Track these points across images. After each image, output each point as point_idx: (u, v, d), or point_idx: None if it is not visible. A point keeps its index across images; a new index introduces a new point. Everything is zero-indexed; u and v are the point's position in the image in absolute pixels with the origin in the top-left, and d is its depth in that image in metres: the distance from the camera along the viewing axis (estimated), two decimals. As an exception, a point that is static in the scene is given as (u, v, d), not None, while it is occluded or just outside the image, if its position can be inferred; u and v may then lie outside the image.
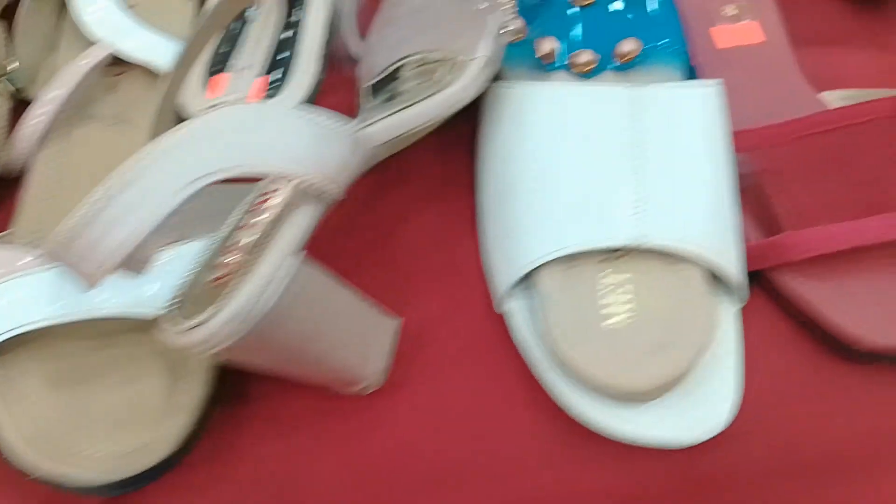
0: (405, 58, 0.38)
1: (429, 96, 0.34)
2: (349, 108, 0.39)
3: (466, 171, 0.40)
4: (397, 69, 0.38)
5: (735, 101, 0.40)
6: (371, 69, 0.40)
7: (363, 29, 0.43)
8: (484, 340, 0.35)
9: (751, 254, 0.36)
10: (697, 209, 0.33)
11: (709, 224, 0.33)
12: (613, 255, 0.34)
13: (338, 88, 0.42)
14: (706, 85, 0.36)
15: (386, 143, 0.33)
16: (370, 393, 0.33)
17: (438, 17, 0.38)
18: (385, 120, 0.32)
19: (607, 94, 0.35)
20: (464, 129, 0.40)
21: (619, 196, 0.33)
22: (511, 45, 0.39)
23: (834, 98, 0.41)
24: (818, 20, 0.47)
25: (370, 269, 0.37)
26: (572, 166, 0.34)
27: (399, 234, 0.39)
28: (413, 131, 0.33)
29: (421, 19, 0.39)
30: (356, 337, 0.31)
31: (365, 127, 0.31)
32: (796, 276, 0.35)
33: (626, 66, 0.39)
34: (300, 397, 0.33)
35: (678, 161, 0.34)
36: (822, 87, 0.42)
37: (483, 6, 0.36)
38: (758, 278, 0.36)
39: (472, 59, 0.35)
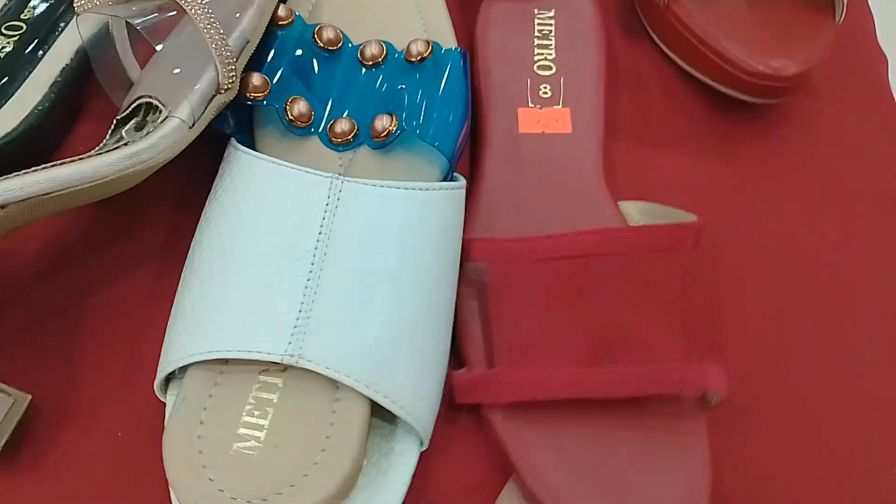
0: (140, 98, 0.34)
1: (107, 151, 0.30)
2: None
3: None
4: (137, 108, 0.35)
5: (518, 198, 0.35)
6: (125, 102, 0.36)
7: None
8: (148, 427, 0.31)
9: (458, 384, 0.31)
10: (370, 333, 0.29)
11: (383, 351, 0.29)
12: (275, 367, 0.29)
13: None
14: (428, 188, 0.31)
15: (40, 199, 0.29)
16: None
17: (175, 61, 0.34)
18: (25, 177, 0.28)
19: (306, 181, 0.30)
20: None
21: (284, 304, 0.28)
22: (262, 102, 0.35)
23: (632, 210, 0.35)
24: (662, 117, 0.41)
25: (49, 331, 0.34)
26: (250, 259, 0.30)
27: (104, 292, 0.35)
28: (85, 187, 0.30)
29: (168, 57, 0.35)
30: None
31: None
32: (506, 418, 0.30)
33: (381, 146, 0.34)
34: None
35: (363, 273, 0.29)
36: (645, 193, 0.37)
37: (200, 60, 0.32)
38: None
39: (171, 117, 0.31)
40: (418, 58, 0.35)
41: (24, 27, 0.38)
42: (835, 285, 0.36)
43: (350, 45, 0.37)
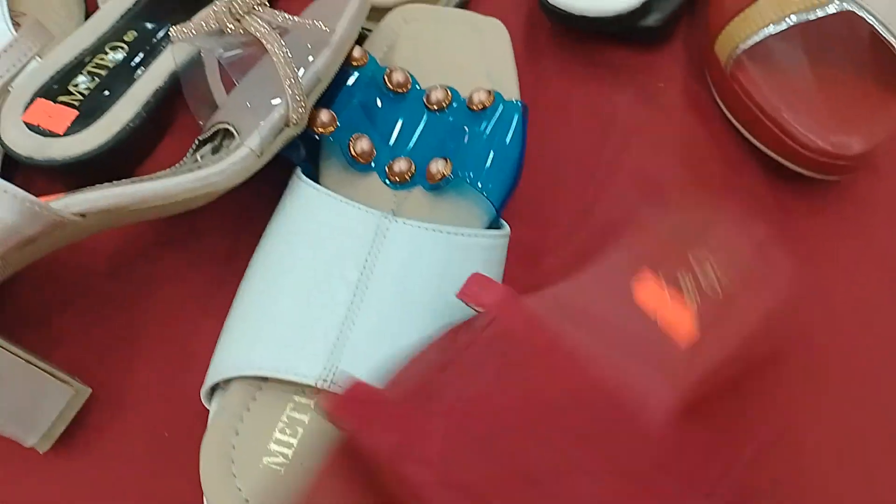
0: (219, 123, 0.37)
1: (180, 173, 0.33)
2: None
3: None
4: (216, 132, 0.37)
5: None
6: (208, 124, 0.39)
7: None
8: (191, 429, 0.34)
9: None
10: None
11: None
12: (309, 389, 0.31)
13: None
14: (472, 234, 0.33)
15: (116, 211, 0.32)
16: (49, 452, 0.33)
17: (253, 93, 0.36)
18: (105, 190, 0.31)
19: (357, 216, 0.32)
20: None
21: (323, 330, 0.30)
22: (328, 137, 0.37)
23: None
24: (720, 186, 0.41)
25: (113, 324, 0.37)
26: (297, 284, 0.32)
27: (166, 293, 0.38)
28: (158, 204, 0.32)
29: (248, 88, 0.37)
30: (10, 399, 0.30)
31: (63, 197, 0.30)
32: None
33: (434, 188, 0.36)
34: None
35: (400, 308, 0.31)
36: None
37: (274, 94, 0.34)
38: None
39: (242, 146, 0.33)
40: (480, 107, 0.37)
41: (127, 47, 0.41)
42: (882, 369, 0.35)
43: (418, 87, 0.39)
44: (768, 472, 0.33)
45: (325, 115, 0.36)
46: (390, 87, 0.38)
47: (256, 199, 0.39)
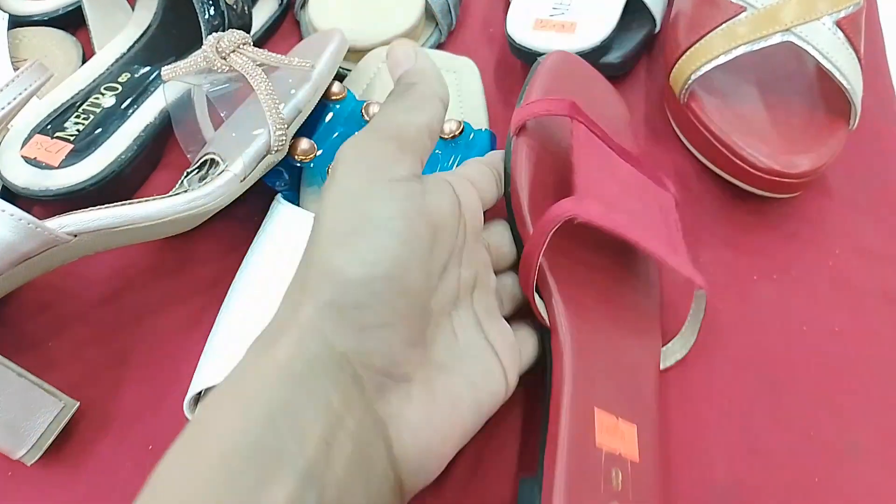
0: (207, 154, 0.39)
1: (170, 196, 0.35)
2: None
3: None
4: (205, 162, 0.40)
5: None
6: (197, 157, 0.41)
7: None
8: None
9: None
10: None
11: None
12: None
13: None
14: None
15: (107, 232, 0.34)
16: (35, 465, 0.34)
17: (238, 125, 0.39)
18: (97, 212, 0.33)
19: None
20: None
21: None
22: (308, 164, 0.39)
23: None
24: (680, 207, 0.43)
25: (104, 348, 0.38)
26: (277, 297, 0.33)
27: (155, 318, 0.39)
28: (146, 225, 0.34)
29: (234, 122, 0.40)
30: (1, 411, 0.32)
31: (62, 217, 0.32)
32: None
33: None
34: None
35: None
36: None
37: (258, 125, 0.36)
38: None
39: (226, 171, 0.36)
40: (451, 135, 0.40)
41: (121, 88, 0.44)
42: (832, 374, 0.37)
43: (393, 120, 0.41)
44: (731, 474, 0.34)
45: (305, 144, 0.38)
46: (367, 118, 0.41)
47: (242, 230, 0.41)
